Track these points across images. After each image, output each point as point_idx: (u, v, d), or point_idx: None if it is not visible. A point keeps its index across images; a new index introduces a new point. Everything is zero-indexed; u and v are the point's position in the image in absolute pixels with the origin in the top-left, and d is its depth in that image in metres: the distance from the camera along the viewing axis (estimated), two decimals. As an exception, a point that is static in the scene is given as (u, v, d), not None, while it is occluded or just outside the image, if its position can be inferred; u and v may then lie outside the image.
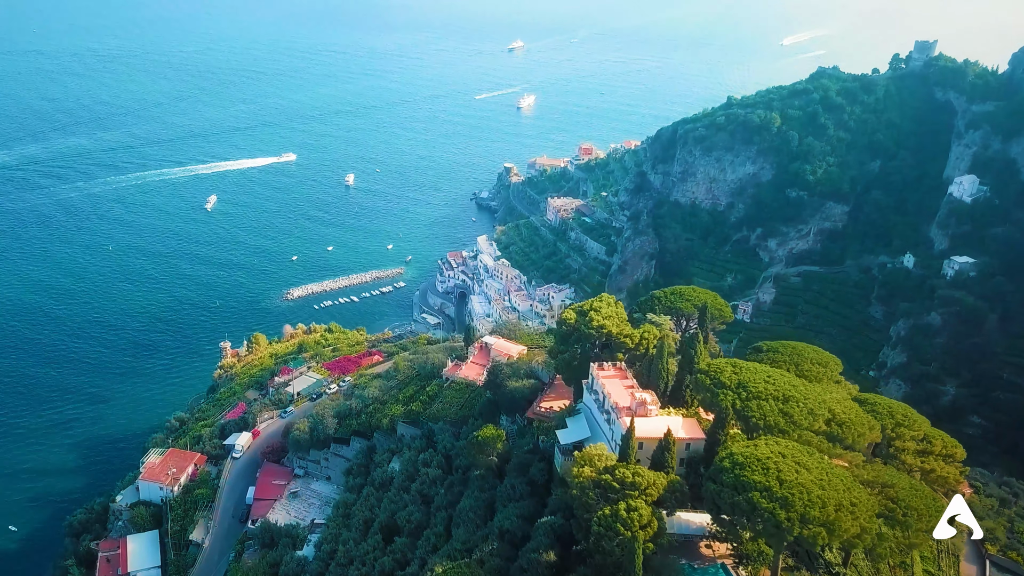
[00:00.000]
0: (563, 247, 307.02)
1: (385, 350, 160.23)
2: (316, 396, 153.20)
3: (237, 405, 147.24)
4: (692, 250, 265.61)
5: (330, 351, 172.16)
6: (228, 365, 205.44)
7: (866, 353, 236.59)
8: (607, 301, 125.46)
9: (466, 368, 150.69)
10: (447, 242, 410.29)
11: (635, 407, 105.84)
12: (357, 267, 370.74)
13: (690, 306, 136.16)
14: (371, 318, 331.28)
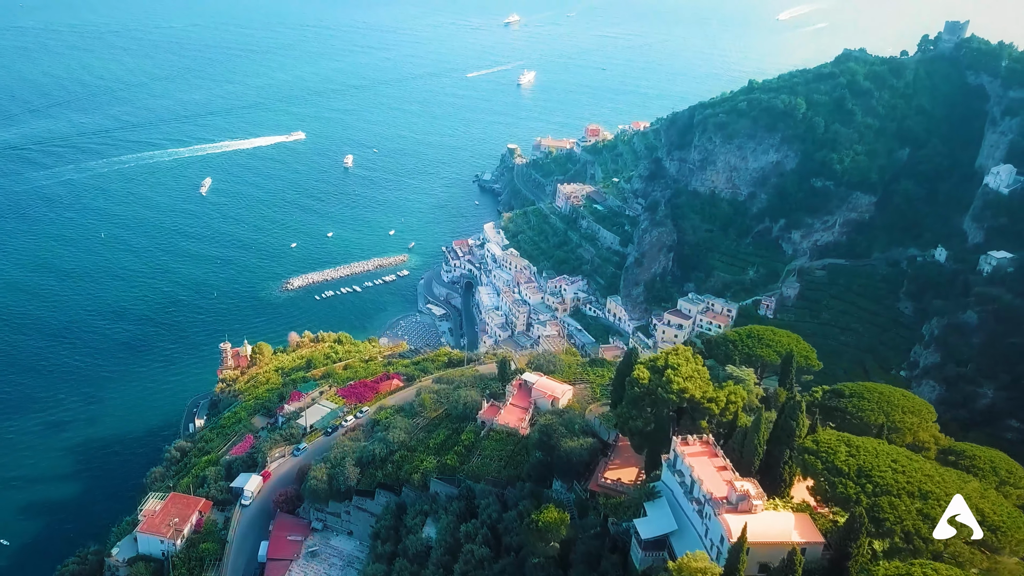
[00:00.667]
0: (574, 236, 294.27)
1: (404, 371, 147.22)
2: (331, 430, 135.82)
3: (244, 438, 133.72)
4: (712, 242, 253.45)
5: (342, 368, 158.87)
6: (230, 378, 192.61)
7: (896, 351, 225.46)
8: (684, 355, 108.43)
9: (506, 412, 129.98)
10: (450, 227, 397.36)
11: (736, 500, 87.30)
12: (358, 255, 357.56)
13: (772, 353, 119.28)
14: (374, 309, 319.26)
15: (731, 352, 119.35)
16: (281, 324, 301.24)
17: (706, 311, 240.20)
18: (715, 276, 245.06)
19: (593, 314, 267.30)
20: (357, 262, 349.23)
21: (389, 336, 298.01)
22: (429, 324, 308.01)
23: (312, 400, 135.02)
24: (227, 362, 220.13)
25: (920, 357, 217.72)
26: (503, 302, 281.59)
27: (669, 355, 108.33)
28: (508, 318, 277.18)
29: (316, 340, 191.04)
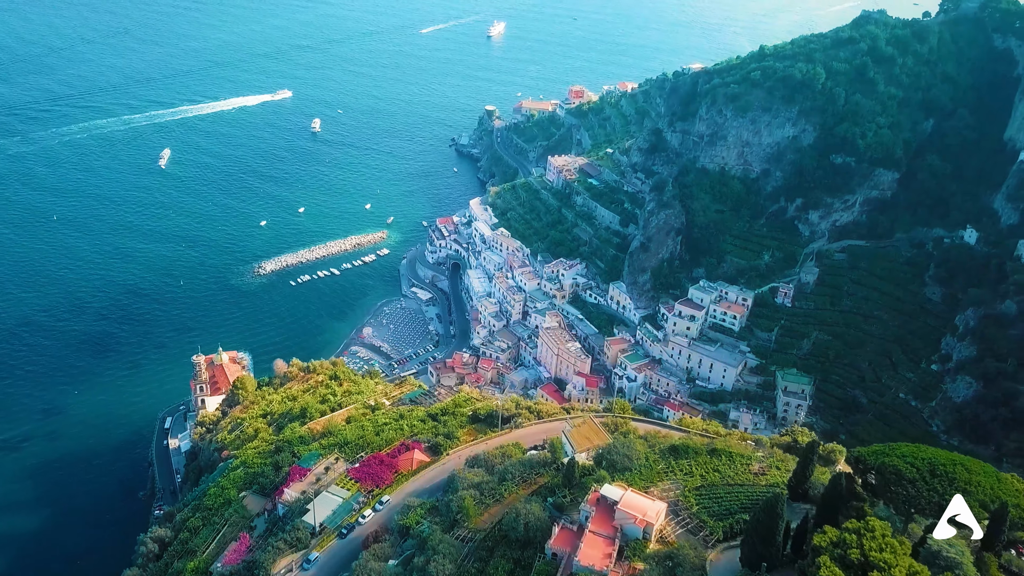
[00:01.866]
0: (569, 215, 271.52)
1: (425, 437, 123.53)
2: (346, 530, 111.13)
3: (238, 537, 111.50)
4: (723, 224, 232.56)
5: (343, 420, 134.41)
6: (210, 419, 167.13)
7: (925, 341, 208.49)
8: (883, 536, 78.35)
9: (586, 545, 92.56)
10: (429, 199, 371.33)
11: None
12: (333, 232, 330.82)
13: (971, 502, 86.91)
14: (355, 294, 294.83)
15: (912, 495, 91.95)
16: (256, 316, 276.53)
17: (720, 300, 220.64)
18: (728, 261, 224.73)
19: (594, 301, 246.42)
20: (333, 241, 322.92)
21: (373, 324, 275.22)
22: (415, 310, 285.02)
23: (318, 484, 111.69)
24: (201, 376, 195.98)
25: (953, 350, 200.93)
26: (496, 288, 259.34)
27: (865, 539, 78.24)
28: (503, 306, 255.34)
29: (307, 371, 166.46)
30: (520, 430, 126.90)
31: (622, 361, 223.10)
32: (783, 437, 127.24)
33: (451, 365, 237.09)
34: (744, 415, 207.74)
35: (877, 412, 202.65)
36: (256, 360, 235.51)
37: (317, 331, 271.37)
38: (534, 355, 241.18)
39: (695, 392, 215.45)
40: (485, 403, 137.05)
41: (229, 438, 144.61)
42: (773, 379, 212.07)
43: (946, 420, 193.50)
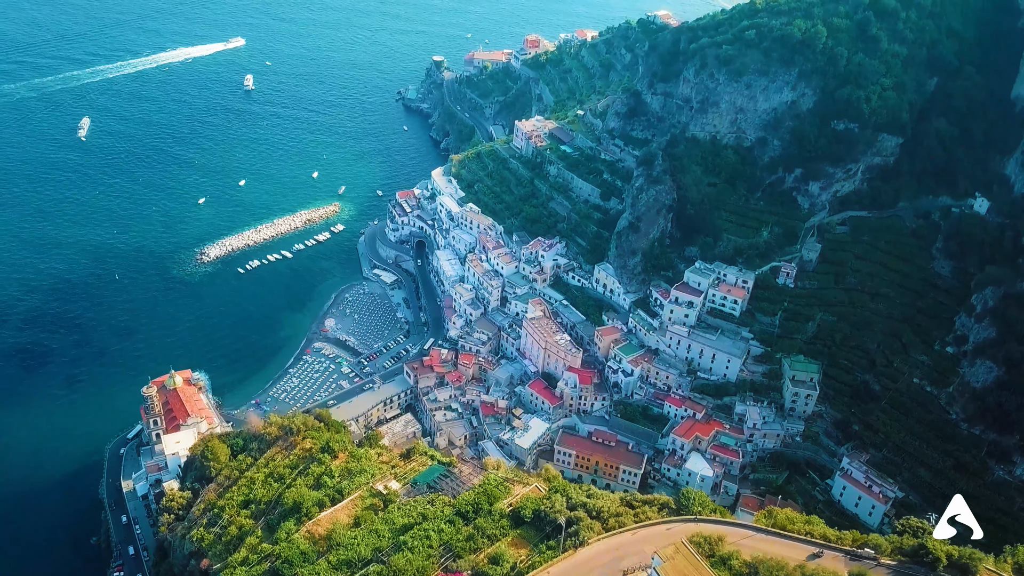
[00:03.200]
0: (543, 186, 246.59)
1: (468, 567, 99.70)
2: None
3: None
4: (718, 199, 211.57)
5: (348, 520, 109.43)
6: (179, 502, 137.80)
7: (936, 321, 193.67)
8: None
9: None
10: (382, 162, 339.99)
11: None
12: (280, 207, 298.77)
13: None
14: (312, 280, 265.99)
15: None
16: (205, 312, 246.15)
17: (718, 283, 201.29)
18: (724, 239, 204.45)
19: (578, 283, 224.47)
20: (281, 218, 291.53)
21: (335, 315, 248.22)
22: (380, 295, 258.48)
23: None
24: (155, 408, 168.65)
25: (970, 331, 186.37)
26: (470, 272, 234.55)
27: None
28: (479, 292, 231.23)
29: (289, 431, 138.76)
30: (585, 549, 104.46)
31: (616, 353, 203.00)
32: (903, 538, 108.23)
33: (428, 364, 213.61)
34: (751, 409, 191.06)
35: (891, 399, 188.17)
36: (213, 376, 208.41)
37: (274, 326, 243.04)
38: (517, 346, 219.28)
39: (697, 385, 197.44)
40: (524, 495, 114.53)
41: (208, 537, 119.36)
42: (779, 367, 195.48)
43: (967, 408, 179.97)
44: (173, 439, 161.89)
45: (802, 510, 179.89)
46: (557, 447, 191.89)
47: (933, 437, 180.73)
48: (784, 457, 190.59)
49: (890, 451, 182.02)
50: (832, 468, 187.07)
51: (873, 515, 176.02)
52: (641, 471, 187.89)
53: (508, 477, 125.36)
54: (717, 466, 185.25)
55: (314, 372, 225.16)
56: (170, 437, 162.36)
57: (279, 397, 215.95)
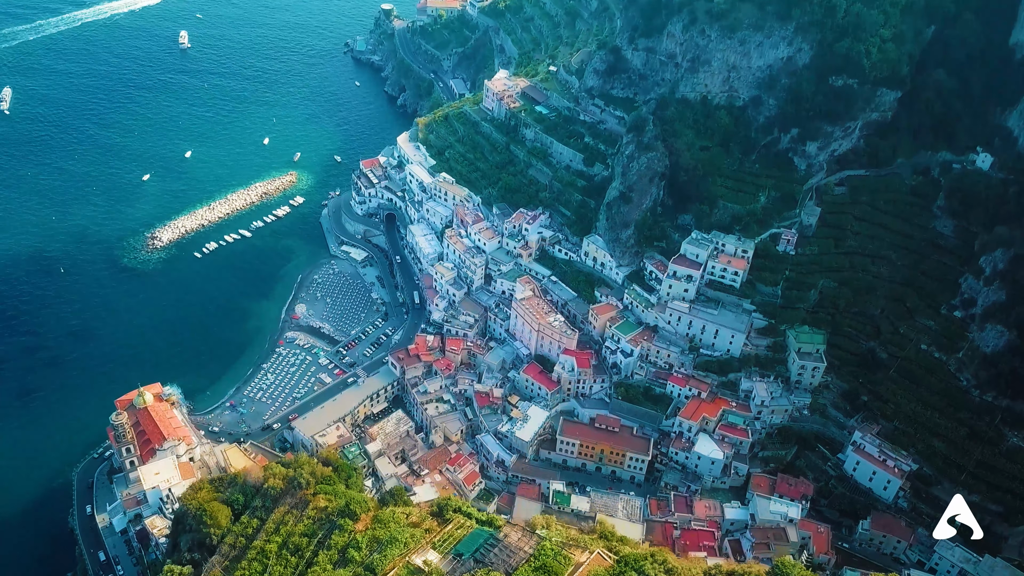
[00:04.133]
0: (520, 152, 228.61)
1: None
2: None
3: None
4: (712, 164, 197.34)
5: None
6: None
7: (941, 283, 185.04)
8: None
9: None
10: (336, 124, 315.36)
11: None
12: (233, 180, 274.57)
13: None
14: (276, 261, 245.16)
15: None
16: (164, 305, 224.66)
17: (717, 254, 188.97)
18: (720, 207, 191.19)
19: (565, 256, 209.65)
20: (235, 193, 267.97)
21: (305, 299, 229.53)
22: (351, 274, 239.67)
23: None
24: (127, 435, 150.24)
25: (978, 294, 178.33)
26: (450, 249, 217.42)
27: None
28: (460, 271, 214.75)
29: (296, 483, 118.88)
30: None
31: (613, 333, 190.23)
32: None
33: (414, 352, 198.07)
34: (758, 385, 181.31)
35: (899, 368, 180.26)
36: (180, 378, 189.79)
37: (241, 316, 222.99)
38: (505, 327, 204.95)
39: (700, 362, 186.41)
40: (590, 571, 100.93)
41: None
42: (783, 340, 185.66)
43: (978, 375, 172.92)
44: (151, 470, 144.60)
45: (814, 486, 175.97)
46: (560, 437, 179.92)
47: (945, 406, 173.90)
48: (792, 432, 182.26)
49: (901, 422, 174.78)
50: (842, 441, 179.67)
51: (888, 489, 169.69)
52: (649, 457, 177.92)
53: (564, 542, 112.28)
54: (726, 446, 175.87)
55: (289, 366, 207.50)
56: (147, 468, 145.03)
57: (255, 397, 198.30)
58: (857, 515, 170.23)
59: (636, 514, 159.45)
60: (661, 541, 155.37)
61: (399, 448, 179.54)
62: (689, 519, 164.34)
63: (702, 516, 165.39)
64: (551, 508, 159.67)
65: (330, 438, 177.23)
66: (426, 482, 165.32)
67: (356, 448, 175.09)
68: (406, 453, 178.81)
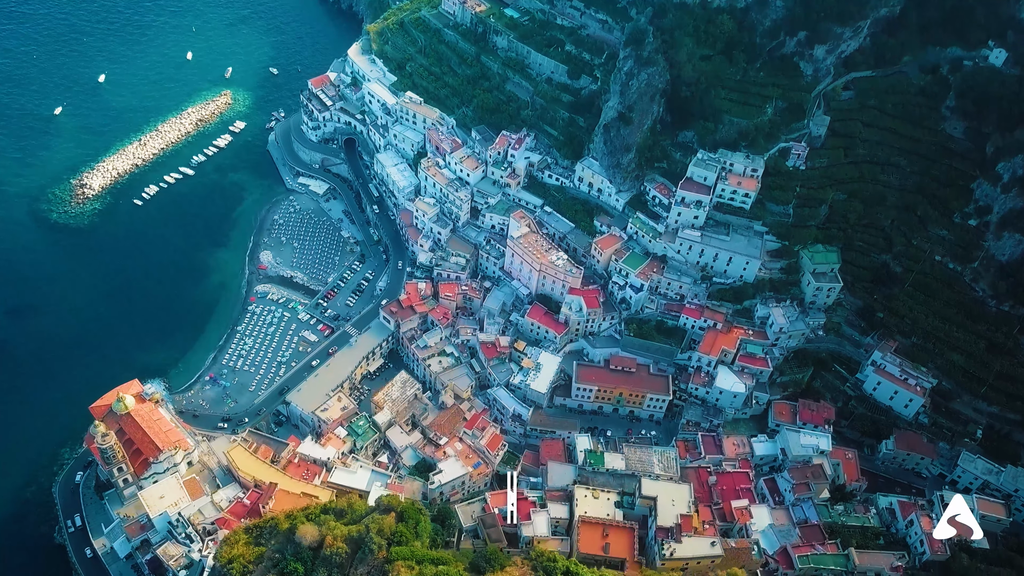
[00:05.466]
0: (493, 64, 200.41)
1: None
2: None
3: None
4: (715, 75, 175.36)
5: None
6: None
7: (953, 189, 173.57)
8: None
9: None
10: (266, 28, 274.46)
11: None
12: (161, 107, 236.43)
13: None
14: (229, 202, 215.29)
15: None
16: (110, 267, 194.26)
17: (726, 175, 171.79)
18: (726, 122, 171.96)
19: (556, 182, 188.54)
20: (166, 122, 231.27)
21: (269, 245, 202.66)
22: (314, 211, 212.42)
23: None
24: (117, 454, 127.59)
25: (994, 201, 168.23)
26: (429, 183, 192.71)
27: None
28: (443, 206, 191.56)
29: (364, 546, 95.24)
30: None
31: (620, 267, 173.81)
32: None
33: (407, 303, 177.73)
34: (775, 310, 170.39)
35: (914, 281, 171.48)
36: (146, 352, 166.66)
37: (202, 272, 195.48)
38: (499, 264, 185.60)
39: (713, 291, 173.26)
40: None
41: None
42: (797, 260, 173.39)
43: (995, 285, 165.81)
44: (154, 494, 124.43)
45: (833, 408, 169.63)
46: (576, 384, 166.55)
47: (962, 318, 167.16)
48: (808, 354, 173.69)
49: (918, 337, 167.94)
50: (858, 360, 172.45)
51: (909, 407, 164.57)
52: (669, 397, 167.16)
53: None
54: (747, 377, 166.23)
55: (267, 326, 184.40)
56: (149, 493, 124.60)
57: (236, 366, 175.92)
58: (879, 434, 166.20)
59: (673, 466, 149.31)
60: (699, 490, 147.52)
61: (408, 414, 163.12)
62: (720, 459, 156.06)
63: (732, 455, 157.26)
64: (585, 470, 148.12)
65: (333, 411, 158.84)
66: (449, 454, 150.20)
67: (364, 421, 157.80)
68: (417, 418, 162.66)
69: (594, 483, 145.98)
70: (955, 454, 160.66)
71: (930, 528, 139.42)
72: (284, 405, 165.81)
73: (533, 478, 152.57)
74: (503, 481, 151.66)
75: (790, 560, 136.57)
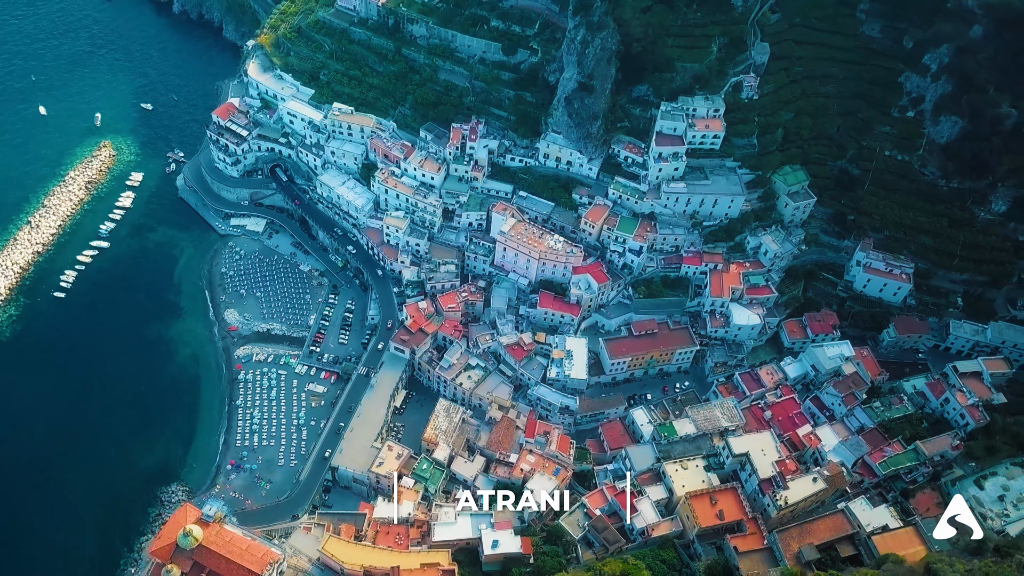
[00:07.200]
0: (417, 55, 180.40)
1: None
2: None
3: None
4: (661, 25, 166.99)
5: None
6: None
7: (885, 88, 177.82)
8: None
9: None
10: (115, 59, 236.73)
11: None
12: (36, 175, 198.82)
13: None
14: (165, 265, 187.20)
15: None
16: (61, 382, 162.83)
17: (692, 122, 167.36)
18: (679, 69, 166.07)
19: (520, 164, 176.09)
20: (51, 193, 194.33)
21: (229, 303, 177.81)
22: (261, 252, 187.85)
23: None
24: None
25: (926, 91, 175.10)
26: (389, 194, 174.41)
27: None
28: (414, 216, 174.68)
29: None
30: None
31: (616, 234, 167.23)
32: None
33: (414, 327, 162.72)
34: (765, 238, 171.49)
35: (873, 179, 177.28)
36: (153, 462, 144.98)
37: (166, 352, 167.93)
38: (487, 261, 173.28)
39: (707, 235, 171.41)
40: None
41: None
42: (771, 186, 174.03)
43: (943, 167, 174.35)
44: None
45: (836, 313, 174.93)
46: (610, 360, 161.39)
47: (921, 203, 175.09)
48: (796, 270, 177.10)
49: (889, 229, 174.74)
50: (841, 263, 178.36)
51: (898, 295, 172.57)
52: (696, 346, 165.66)
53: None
54: (757, 308, 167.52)
55: (266, 391, 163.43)
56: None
57: (253, 444, 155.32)
58: (879, 326, 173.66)
59: (736, 414, 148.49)
60: (757, 427, 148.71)
61: (463, 440, 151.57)
62: (763, 392, 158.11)
63: (771, 384, 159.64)
64: (661, 444, 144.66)
65: (389, 463, 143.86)
66: (533, 474, 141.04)
67: (427, 463, 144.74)
68: (472, 442, 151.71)
69: (674, 454, 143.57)
70: (944, 325, 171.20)
71: (965, 402, 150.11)
72: (330, 471, 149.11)
73: (609, 466, 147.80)
74: (580, 480, 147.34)
75: (870, 469, 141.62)
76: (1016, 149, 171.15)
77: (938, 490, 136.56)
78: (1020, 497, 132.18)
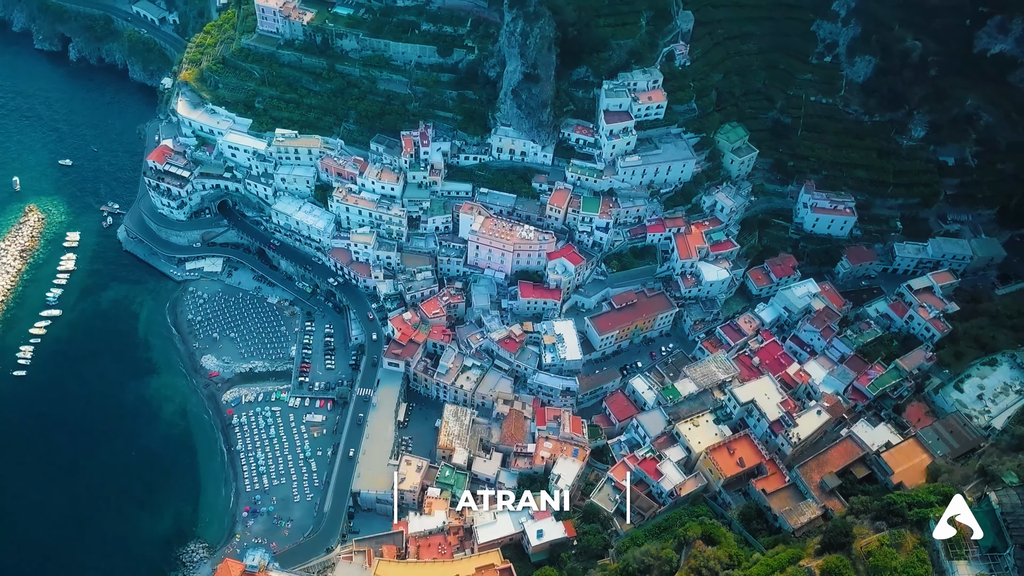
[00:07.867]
0: (352, 69, 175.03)
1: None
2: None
3: None
4: (591, 7, 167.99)
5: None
6: None
7: (800, 39, 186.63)
8: None
9: None
10: (14, 117, 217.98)
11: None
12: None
13: None
14: (127, 323, 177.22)
15: None
16: (51, 463, 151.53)
17: (635, 95, 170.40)
18: (614, 47, 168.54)
19: (475, 162, 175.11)
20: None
21: (204, 349, 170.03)
22: (224, 291, 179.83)
23: None
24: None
25: (838, 36, 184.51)
26: (350, 212, 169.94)
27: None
28: (380, 230, 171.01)
29: None
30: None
31: (580, 215, 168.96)
32: None
33: (404, 339, 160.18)
34: (719, 194, 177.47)
35: (804, 125, 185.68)
36: (166, 526, 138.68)
37: (150, 412, 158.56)
38: (460, 262, 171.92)
39: (665, 201, 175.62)
40: None
41: None
42: (715, 145, 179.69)
43: (865, 104, 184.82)
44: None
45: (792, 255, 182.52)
46: (598, 336, 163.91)
47: (851, 140, 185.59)
48: (749, 221, 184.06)
49: (826, 169, 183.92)
50: (788, 208, 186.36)
51: (844, 228, 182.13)
52: (675, 308, 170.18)
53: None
54: (724, 263, 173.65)
55: (264, 431, 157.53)
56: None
57: (265, 489, 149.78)
58: (832, 260, 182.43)
59: (729, 365, 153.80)
60: (750, 375, 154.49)
61: (477, 441, 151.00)
62: (745, 340, 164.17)
63: (750, 331, 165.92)
64: (667, 407, 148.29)
65: (411, 477, 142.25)
66: (554, 459, 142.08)
67: (448, 470, 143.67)
68: (486, 441, 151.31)
69: (682, 414, 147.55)
70: (889, 249, 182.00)
71: (928, 316, 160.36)
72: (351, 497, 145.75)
73: (622, 438, 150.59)
74: (597, 456, 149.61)
75: (860, 393, 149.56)
76: (925, 78, 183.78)
77: (924, 400, 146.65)
78: (995, 392, 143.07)
